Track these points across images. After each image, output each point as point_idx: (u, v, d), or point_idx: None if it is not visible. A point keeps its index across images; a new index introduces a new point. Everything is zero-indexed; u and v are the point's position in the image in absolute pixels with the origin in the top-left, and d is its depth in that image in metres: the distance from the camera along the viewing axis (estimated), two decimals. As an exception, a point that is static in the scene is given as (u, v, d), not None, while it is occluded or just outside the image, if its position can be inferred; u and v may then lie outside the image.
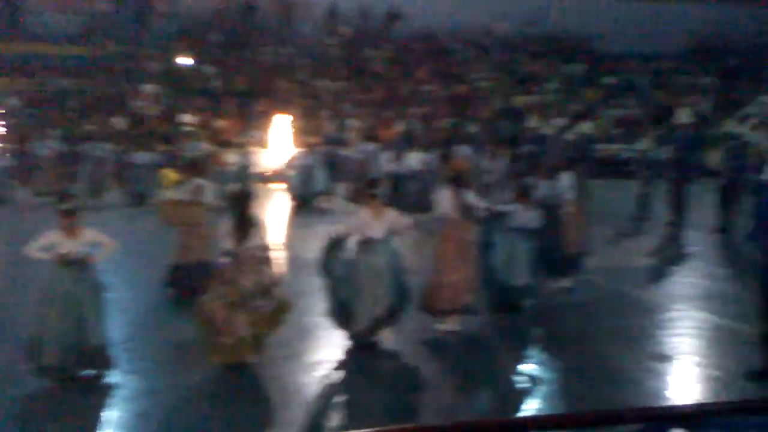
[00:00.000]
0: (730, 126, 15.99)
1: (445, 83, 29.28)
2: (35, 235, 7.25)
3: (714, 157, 19.21)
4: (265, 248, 7.65)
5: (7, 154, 19.09)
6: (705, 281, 11.20)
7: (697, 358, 7.91)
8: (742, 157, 14.24)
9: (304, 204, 18.56)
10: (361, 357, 7.87)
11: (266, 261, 7.59)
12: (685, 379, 7.44)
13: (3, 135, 21.89)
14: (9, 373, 7.26)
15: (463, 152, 16.92)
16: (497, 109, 27.56)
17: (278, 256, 12.50)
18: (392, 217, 8.22)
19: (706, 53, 30.94)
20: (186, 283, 10.01)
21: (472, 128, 20.82)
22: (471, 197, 8.92)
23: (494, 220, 9.33)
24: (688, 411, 3.34)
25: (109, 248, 7.35)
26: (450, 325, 8.66)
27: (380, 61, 30.05)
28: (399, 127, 22.16)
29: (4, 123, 23.59)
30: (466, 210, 8.70)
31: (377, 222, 8.02)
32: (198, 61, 28.95)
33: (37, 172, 19.23)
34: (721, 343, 8.38)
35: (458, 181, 8.91)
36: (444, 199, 8.85)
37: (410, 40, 31.12)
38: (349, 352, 7.94)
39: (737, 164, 14.35)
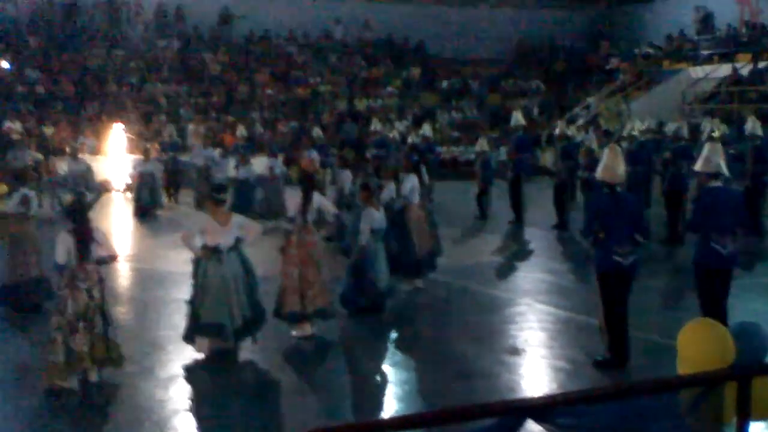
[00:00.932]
0: (561, 127, 16.83)
1: (285, 87, 29.14)
2: None
3: (548, 157, 20.24)
4: (105, 261, 7.30)
5: None
6: (546, 276, 11.71)
7: (544, 351, 8.24)
8: (574, 156, 15.03)
9: (147, 212, 17.91)
10: (217, 369, 7.65)
11: (103, 276, 7.23)
12: (535, 371, 7.73)
13: None
14: None
15: (309, 156, 16.89)
16: (339, 113, 27.74)
17: (123, 268, 12.01)
18: (240, 223, 8.03)
19: (533, 58, 32.48)
20: (19, 301, 9.46)
21: (316, 132, 20.80)
22: (320, 200, 8.90)
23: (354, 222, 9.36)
24: (540, 402, 3.46)
25: None
26: (304, 330, 8.58)
27: (217, 64, 29.44)
28: (241, 132, 21.81)
29: None
30: (315, 213, 8.65)
31: (225, 229, 7.80)
32: (18, 65, 27.23)
33: None
34: (565, 335, 8.77)
35: (307, 184, 8.85)
36: (292, 202, 8.78)
37: (246, 43, 30.70)
38: (204, 366, 7.70)
39: (570, 163, 15.14)
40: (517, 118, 16.97)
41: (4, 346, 8.46)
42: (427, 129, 20.05)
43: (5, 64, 26.82)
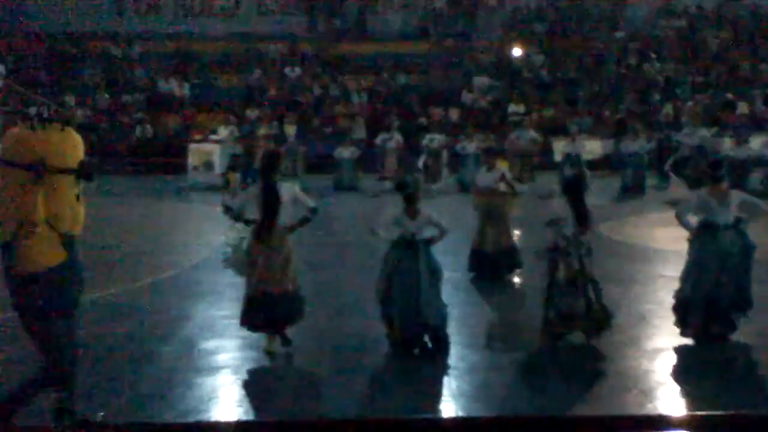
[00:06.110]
0: None
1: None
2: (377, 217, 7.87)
3: None
4: (591, 234, 7.60)
5: (355, 147, 20.86)
6: None
7: None
8: None
9: (636, 191, 18.10)
10: (702, 348, 7.50)
11: (591, 246, 7.55)
12: None
13: (350, 129, 23.96)
14: (368, 343, 7.73)
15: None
16: None
17: (609, 242, 12.32)
18: (740, 200, 7.67)
19: None
20: (486, 268, 10.28)
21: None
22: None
23: None
24: None
25: (441, 232, 7.55)
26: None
27: (718, 41, 28.07)
28: (742, 110, 20.56)
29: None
30: None
31: (722, 206, 7.53)
32: (527, 51, 29.22)
33: (381, 162, 20.80)
34: None
35: None
36: None
37: (752, 18, 28.74)
38: (690, 342, 7.60)
39: None
40: None
41: (497, 306, 9.41)
42: None
43: (518, 51, 29.00)
